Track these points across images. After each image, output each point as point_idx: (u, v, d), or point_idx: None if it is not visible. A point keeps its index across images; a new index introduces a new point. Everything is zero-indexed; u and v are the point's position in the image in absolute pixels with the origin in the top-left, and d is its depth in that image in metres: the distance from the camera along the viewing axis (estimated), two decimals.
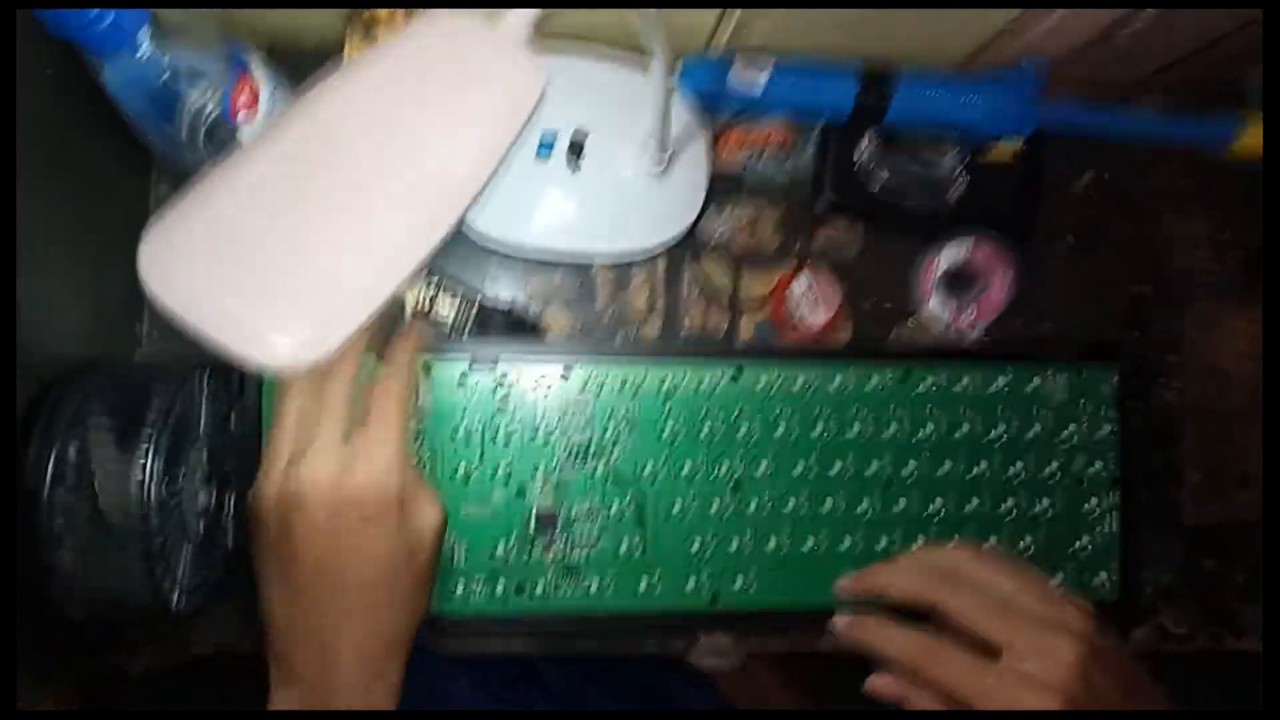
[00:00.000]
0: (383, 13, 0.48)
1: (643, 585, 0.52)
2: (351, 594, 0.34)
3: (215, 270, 0.26)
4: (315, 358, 0.27)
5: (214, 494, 0.48)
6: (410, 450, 0.35)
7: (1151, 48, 0.49)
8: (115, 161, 0.48)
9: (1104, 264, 0.58)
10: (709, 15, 0.47)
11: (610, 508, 0.52)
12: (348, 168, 0.27)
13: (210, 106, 0.41)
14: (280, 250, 0.26)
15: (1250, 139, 0.53)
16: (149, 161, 0.51)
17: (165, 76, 0.38)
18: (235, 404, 0.50)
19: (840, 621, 0.40)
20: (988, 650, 0.35)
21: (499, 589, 0.51)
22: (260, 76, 0.42)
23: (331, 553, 0.33)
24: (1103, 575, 0.55)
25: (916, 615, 0.41)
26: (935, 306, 0.55)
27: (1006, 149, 0.52)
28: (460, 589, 0.51)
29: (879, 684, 0.39)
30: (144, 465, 0.41)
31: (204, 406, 0.47)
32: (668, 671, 0.85)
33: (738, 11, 0.46)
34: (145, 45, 0.36)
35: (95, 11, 0.34)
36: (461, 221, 0.29)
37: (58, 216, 0.42)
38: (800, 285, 0.53)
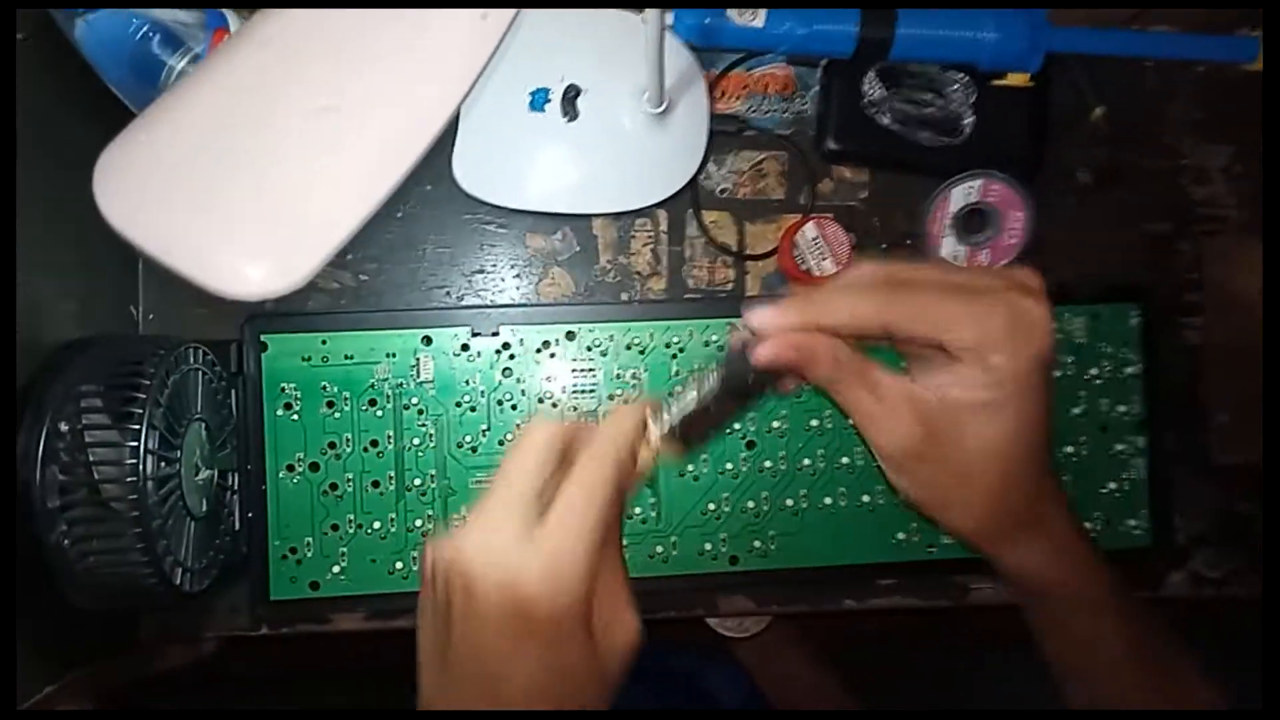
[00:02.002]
0: None
1: (659, 550, 0.51)
2: (504, 704, 0.29)
3: (176, 197, 0.24)
4: (284, 288, 0.25)
5: (215, 472, 0.47)
6: (606, 551, 0.30)
7: None
8: (99, 138, 0.46)
9: (1120, 201, 0.56)
10: None
11: None
12: (311, 90, 0.25)
13: (191, 70, 0.39)
14: (242, 176, 0.24)
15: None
16: None
17: (142, 32, 0.36)
18: (234, 381, 0.49)
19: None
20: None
21: None
22: None
23: (491, 654, 0.28)
24: (1134, 520, 0.54)
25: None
26: (948, 250, 0.53)
27: (1015, 81, 0.50)
28: None
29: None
30: (139, 440, 0.40)
31: (200, 383, 0.46)
32: (687, 647, 0.84)
33: None
34: None
35: None
36: (429, 150, 0.27)
37: (39, 197, 0.41)
38: (808, 234, 0.51)
